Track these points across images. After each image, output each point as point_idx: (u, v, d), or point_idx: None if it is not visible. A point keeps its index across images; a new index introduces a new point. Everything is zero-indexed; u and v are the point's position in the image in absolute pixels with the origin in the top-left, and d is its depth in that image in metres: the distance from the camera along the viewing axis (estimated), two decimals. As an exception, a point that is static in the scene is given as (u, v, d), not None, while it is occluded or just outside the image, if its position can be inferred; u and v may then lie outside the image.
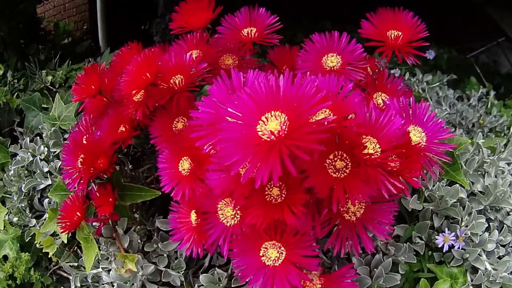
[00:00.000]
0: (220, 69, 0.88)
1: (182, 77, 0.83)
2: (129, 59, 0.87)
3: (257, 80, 0.65)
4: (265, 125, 0.57)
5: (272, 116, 0.57)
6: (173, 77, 0.83)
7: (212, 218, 0.73)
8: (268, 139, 0.56)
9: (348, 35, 0.84)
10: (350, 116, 0.66)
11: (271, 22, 0.91)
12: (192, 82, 0.83)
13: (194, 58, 0.85)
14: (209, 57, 0.89)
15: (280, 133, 0.56)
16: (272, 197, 0.64)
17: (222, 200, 0.72)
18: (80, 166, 0.87)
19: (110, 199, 0.85)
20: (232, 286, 0.84)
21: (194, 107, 0.77)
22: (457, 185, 0.87)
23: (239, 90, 0.63)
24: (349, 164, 0.63)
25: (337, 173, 0.62)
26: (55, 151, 1.18)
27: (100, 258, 0.94)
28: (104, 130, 0.89)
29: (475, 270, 0.86)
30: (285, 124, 0.56)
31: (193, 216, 0.78)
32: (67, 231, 0.88)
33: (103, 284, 0.95)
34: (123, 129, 0.87)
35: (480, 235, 0.86)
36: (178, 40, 0.94)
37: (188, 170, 0.76)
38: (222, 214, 0.72)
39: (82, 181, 0.86)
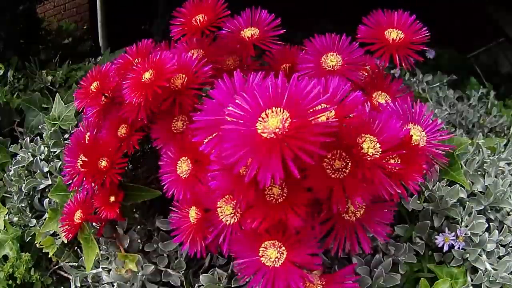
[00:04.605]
0: (222, 71, 0.88)
1: (186, 78, 0.83)
2: (135, 60, 0.87)
3: (262, 79, 0.65)
4: (264, 122, 0.56)
5: (272, 112, 0.57)
6: (176, 80, 0.83)
7: (211, 216, 0.73)
8: (268, 137, 0.55)
9: (348, 36, 0.84)
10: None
11: (273, 26, 0.91)
12: (195, 85, 0.83)
13: (198, 60, 0.85)
14: (211, 58, 0.89)
15: (281, 131, 0.55)
16: (272, 197, 0.63)
17: (222, 198, 0.72)
18: (80, 168, 0.86)
19: (112, 200, 0.85)
20: (232, 286, 0.84)
21: (195, 109, 0.77)
22: (457, 185, 0.87)
23: (241, 91, 0.63)
24: (349, 164, 0.62)
25: (336, 174, 0.62)
26: (55, 151, 1.18)
27: (100, 258, 0.94)
28: (106, 132, 0.89)
29: (475, 270, 0.86)
30: (286, 121, 0.56)
31: (192, 213, 0.77)
32: (70, 235, 0.88)
33: (103, 284, 0.95)
34: (124, 130, 0.87)
35: (480, 235, 0.86)
36: (181, 42, 0.93)
37: (187, 173, 0.76)
38: (221, 212, 0.72)
39: (86, 185, 0.86)
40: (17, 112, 1.54)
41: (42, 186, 1.13)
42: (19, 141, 1.33)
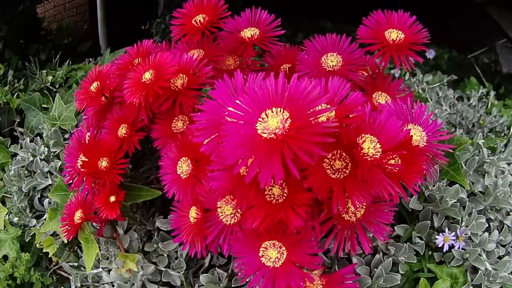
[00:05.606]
0: (222, 71, 0.88)
1: (186, 78, 0.83)
2: (134, 61, 0.87)
3: (262, 79, 0.65)
4: (264, 122, 0.56)
5: (273, 112, 0.56)
6: (177, 80, 0.83)
7: (212, 216, 0.73)
8: (268, 138, 0.55)
9: (349, 36, 0.84)
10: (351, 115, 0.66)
11: (274, 26, 0.91)
12: (195, 85, 0.83)
13: (199, 60, 0.85)
14: (211, 58, 0.89)
15: (281, 132, 0.55)
16: (273, 197, 0.63)
17: (223, 198, 0.72)
18: (80, 168, 0.86)
19: (112, 200, 0.85)
20: (233, 286, 0.84)
21: (195, 109, 0.77)
22: (457, 185, 0.87)
23: (241, 91, 0.63)
24: (349, 164, 0.62)
25: (336, 174, 0.62)
26: (55, 151, 1.18)
27: (100, 258, 0.94)
28: (107, 132, 0.89)
29: (475, 270, 0.86)
30: (286, 121, 0.55)
31: (192, 213, 0.77)
32: (70, 235, 0.88)
33: (103, 284, 0.95)
34: (124, 130, 0.87)
35: (480, 235, 0.86)
36: (181, 43, 0.94)
37: (188, 173, 0.76)
38: (222, 213, 0.72)
39: (86, 186, 0.86)
40: (17, 112, 1.54)
41: (42, 186, 1.13)
42: (19, 141, 1.33)
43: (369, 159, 0.61)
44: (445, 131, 0.80)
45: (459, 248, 0.84)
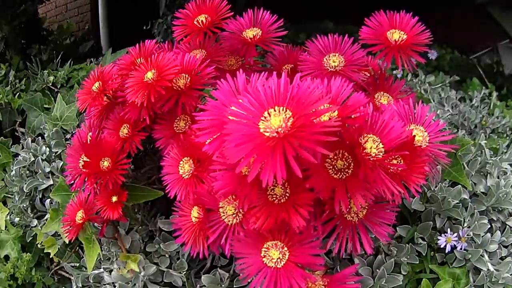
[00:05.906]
0: (224, 71, 0.88)
1: (189, 78, 0.83)
2: (136, 61, 0.87)
3: (265, 78, 0.64)
4: (267, 121, 0.56)
5: (275, 111, 0.56)
6: (179, 80, 0.83)
7: (213, 216, 0.73)
8: (271, 136, 0.55)
9: (351, 37, 0.84)
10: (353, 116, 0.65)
11: (276, 27, 0.91)
12: (197, 85, 0.83)
13: (201, 61, 0.85)
14: (214, 59, 0.89)
15: (284, 130, 0.55)
16: (275, 197, 0.63)
17: (225, 198, 0.72)
18: (82, 168, 0.86)
19: (114, 200, 0.85)
20: (234, 286, 0.84)
21: (197, 109, 0.77)
22: (460, 186, 0.87)
23: (243, 91, 0.63)
24: (351, 164, 0.62)
25: (338, 174, 0.62)
26: (57, 151, 1.18)
27: (102, 259, 0.94)
28: (108, 132, 0.89)
29: (477, 271, 0.86)
30: (289, 120, 0.55)
31: (194, 213, 0.77)
32: (72, 236, 0.88)
33: (104, 284, 0.95)
34: (126, 130, 0.87)
35: (482, 236, 0.86)
36: (184, 43, 0.93)
37: (190, 173, 0.76)
38: (224, 213, 0.72)
39: (88, 186, 0.86)
40: (19, 112, 1.55)
41: (43, 186, 1.13)
42: (21, 141, 1.33)
43: (371, 159, 0.61)
44: (447, 131, 0.80)
45: (461, 249, 0.84)
